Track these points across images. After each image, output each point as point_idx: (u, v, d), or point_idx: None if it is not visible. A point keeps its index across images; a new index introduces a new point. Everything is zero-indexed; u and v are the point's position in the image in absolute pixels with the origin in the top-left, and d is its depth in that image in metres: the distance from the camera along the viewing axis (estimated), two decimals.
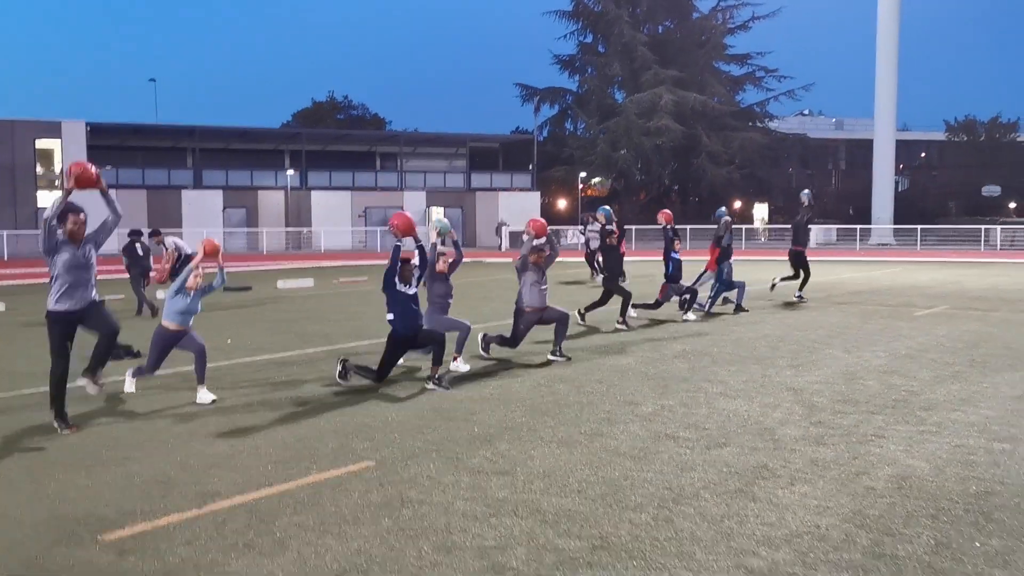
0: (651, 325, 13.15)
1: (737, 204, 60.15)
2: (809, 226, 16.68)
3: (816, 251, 31.15)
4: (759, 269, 23.88)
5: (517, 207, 50.89)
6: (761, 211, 64.79)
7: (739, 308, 14.40)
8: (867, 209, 48.65)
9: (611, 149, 55.06)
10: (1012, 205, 73.03)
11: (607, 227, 13.23)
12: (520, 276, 10.13)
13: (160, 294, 17.32)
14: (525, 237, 10.26)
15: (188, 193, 45.54)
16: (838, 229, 48.63)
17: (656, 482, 5.44)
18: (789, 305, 15.64)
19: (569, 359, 9.92)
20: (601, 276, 14.44)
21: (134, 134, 48.91)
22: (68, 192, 6.71)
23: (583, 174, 57.07)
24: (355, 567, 4.17)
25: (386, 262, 8.56)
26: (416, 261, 8.66)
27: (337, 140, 55.12)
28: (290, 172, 48.18)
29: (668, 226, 13.77)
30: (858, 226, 44.09)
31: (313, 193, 48.43)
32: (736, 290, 14.55)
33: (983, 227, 41.27)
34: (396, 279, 8.30)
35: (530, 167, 54.81)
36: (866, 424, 6.89)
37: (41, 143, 43.81)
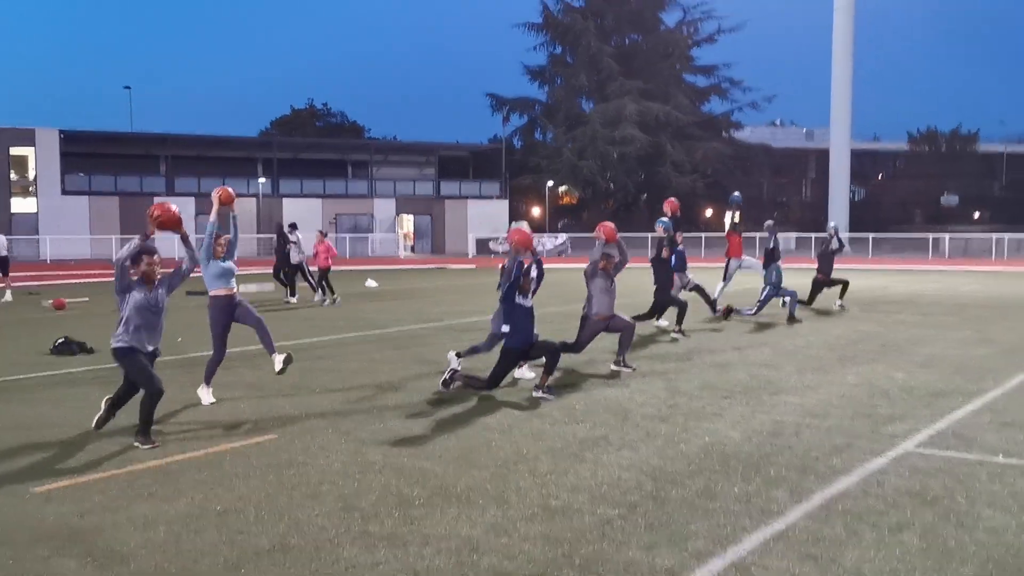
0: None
1: (708, 212, 61.48)
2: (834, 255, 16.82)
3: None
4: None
5: (486, 215, 52.02)
6: (730, 218, 66.14)
7: (792, 318, 14.32)
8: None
9: (577, 158, 56.34)
10: (976, 215, 74.96)
11: (660, 241, 12.96)
12: (589, 282, 9.91)
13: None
14: (597, 243, 9.95)
15: (161, 200, 46.27)
16: (796, 237, 49.99)
17: (508, 449, 6.49)
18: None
19: (634, 369, 9.77)
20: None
21: (107, 142, 49.61)
22: (146, 236, 6.70)
23: (550, 183, 58.25)
24: (235, 508, 5.19)
25: (355, 267, 9.33)
26: (535, 274, 8.67)
27: (309, 148, 56.05)
28: (262, 180, 49.02)
29: (672, 216, 13.66)
30: (813, 234, 45.45)
31: (285, 200, 49.33)
32: (788, 297, 14.65)
33: (931, 236, 42.73)
34: (516, 292, 8.43)
35: (500, 176, 55.95)
36: (712, 406, 7.98)
37: (15, 150, 44.49)
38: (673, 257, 13.39)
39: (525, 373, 9.39)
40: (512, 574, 4.20)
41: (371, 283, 25.21)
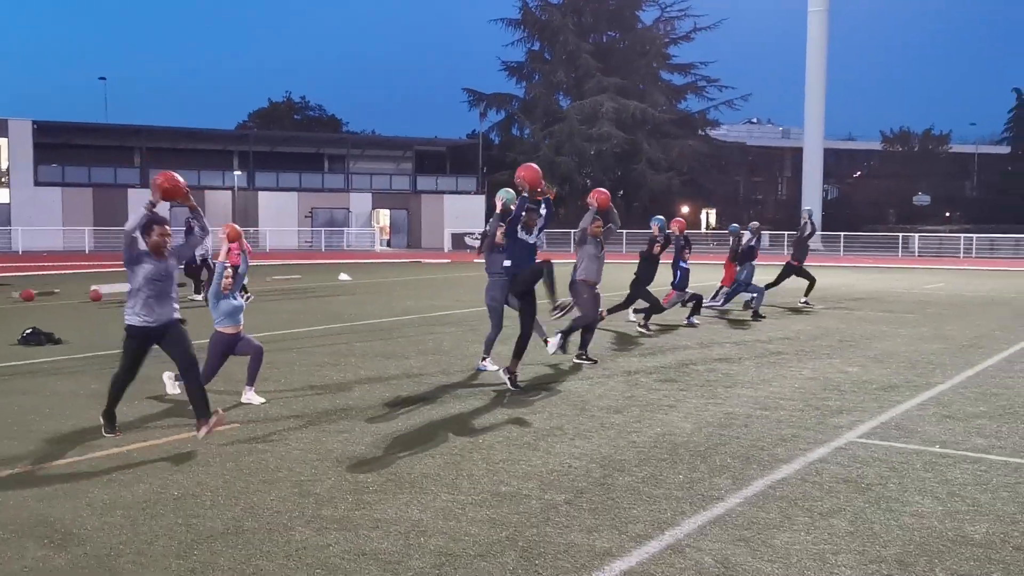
0: None
1: (685, 210, 61.88)
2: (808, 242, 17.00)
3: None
4: (702, 273, 25.26)
5: (462, 210, 52.11)
6: (707, 217, 66.80)
7: (757, 314, 14.50)
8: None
9: (554, 154, 56.52)
10: (947, 215, 75.94)
11: (656, 237, 12.76)
12: (578, 248, 10.00)
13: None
14: (589, 210, 9.95)
15: (135, 192, 45.99)
16: (771, 235, 50.47)
17: (464, 438, 6.65)
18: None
19: (595, 362, 9.93)
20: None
21: (81, 133, 49.23)
22: (153, 205, 6.45)
23: None
24: (192, 494, 5.32)
25: (330, 261, 9.34)
26: (543, 212, 8.58)
27: (286, 141, 55.88)
28: (237, 173, 48.85)
29: (679, 234, 13.65)
30: (785, 232, 45.92)
31: (260, 194, 49.17)
32: (756, 294, 14.82)
33: (901, 234, 43.30)
34: (519, 227, 8.36)
35: (477, 170, 56.03)
36: (669, 398, 8.18)
37: None
38: (677, 273, 13.55)
39: (488, 366, 9.54)
40: (456, 555, 4.36)
41: (344, 277, 25.27)
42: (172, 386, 8.15)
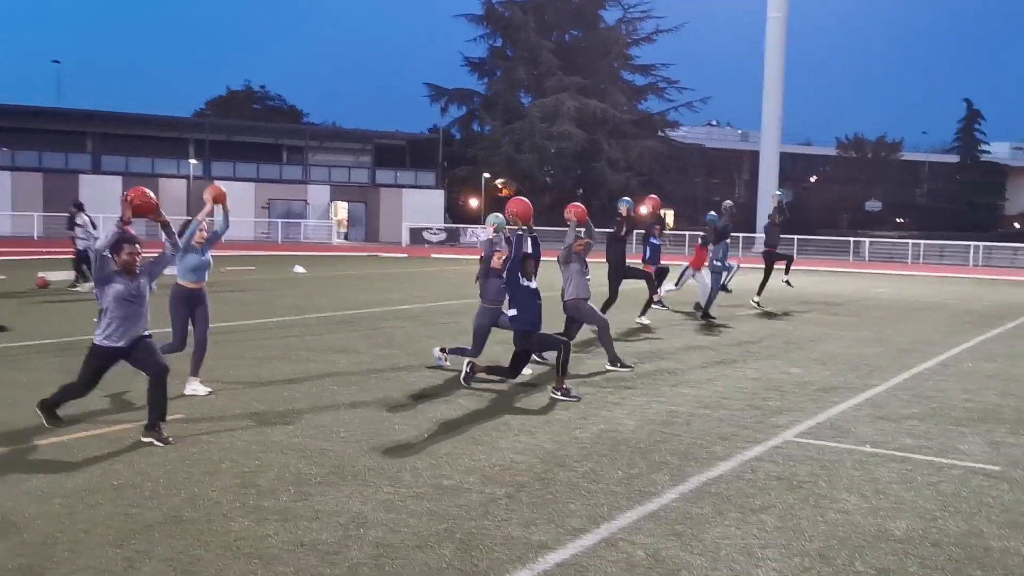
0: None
1: (644, 210, 62.33)
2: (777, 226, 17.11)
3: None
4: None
5: (421, 205, 52.00)
6: (664, 218, 67.34)
7: (704, 311, 14.60)
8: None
9: (515, 151, 56.56)
10: (898, 221, 77.53)
11: (623, 218, 12.73)
12: (564, 268, 9.82)
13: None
14: (569, 226, 9.82)
15: (86, 178, 45.21)
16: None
17: (410, 432, 6.72)
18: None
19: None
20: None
21: (32, 116, 48.20)
22: (125, 223, 6.33)
23: (487, 175, 58.45)
24: (132, 483, 5.32)
25: (286, 253, 9.28)
26: (528, 248, 8.32)
27: (243, 131, 55.24)
28: (193, 161, 48.22)
29: (652, 211, 13.90)
30: (741, 234, 46.54)
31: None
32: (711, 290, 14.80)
33: (853, 239, 44.13)
34: (519, 273, 8.14)
35: (437, 165, 55.95)
36: (614, 395, 8.31)
37: None
38: (647, 249, 13.62)
39: (443, 362, 9.50)
40: (395, 546, 4.43)
41: (299, 269, 25.13)
42: (200, 388, 7.83)
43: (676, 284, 16.29)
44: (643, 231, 14.33)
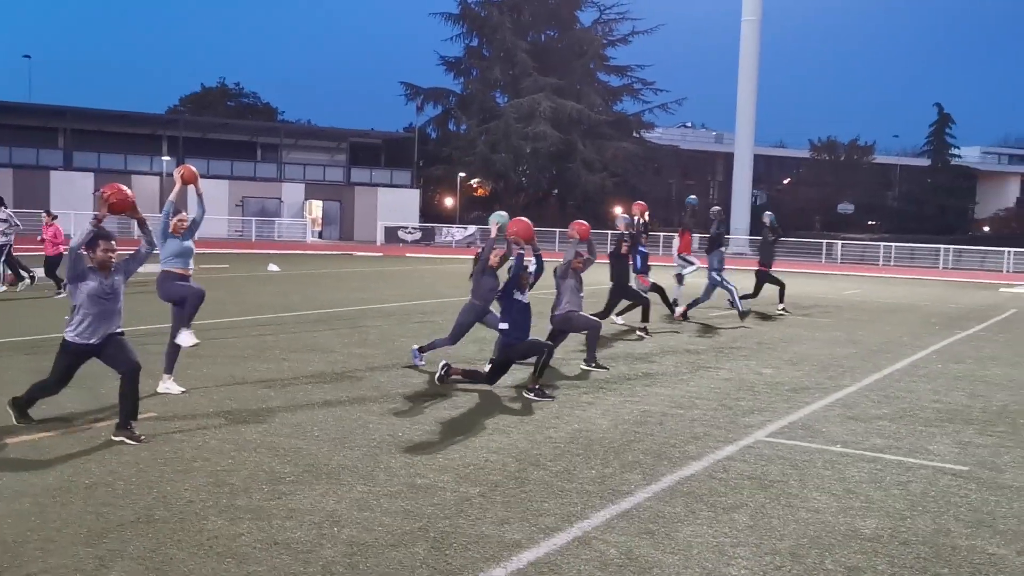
0: None
1: (618, 210, 62.57)
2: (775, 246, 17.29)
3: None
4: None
5: (396, 204, 51.88)
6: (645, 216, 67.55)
7: (684, 315, 14.61)
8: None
9: (490, 151, 56.54)
10: (870, 223, 78.40)
11: (624, 234, 12.71)
12: (560, 282, 9.84)
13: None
14: (571, 242, 9.93)
15: (57, 174, 44.71)
16: (700, 237, 51.42)
17: (383, 431, 6.72)
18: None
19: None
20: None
21: (3, 112, 47.53)
22: (99, 220, 6.21)
23: (462, 174, 58.41)
24: (104, 482, 5.28)
25: (260, 251, 9.18)
26: (532, 269, 8.46)
27: (218, 128, 54.81)
28: (166, 158, 47.78)
29: (640, 218, 13.76)
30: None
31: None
32: (703, 294, 14.84)
33: (825, 241, 44.56)
34: (515, 288, 8.23)
35: (413, 164, 55.85)
36: (589, 395, 8.35)
37: None
38: (637, 258, 13.37)
39: (420, 362, 9.46)
40: (369, 545, 4.43)
41: (273, 267, 25.00)
42: (174, 387, 7.79)
43: (678, 282, 16.23)
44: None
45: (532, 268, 8.48)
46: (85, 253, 6.20)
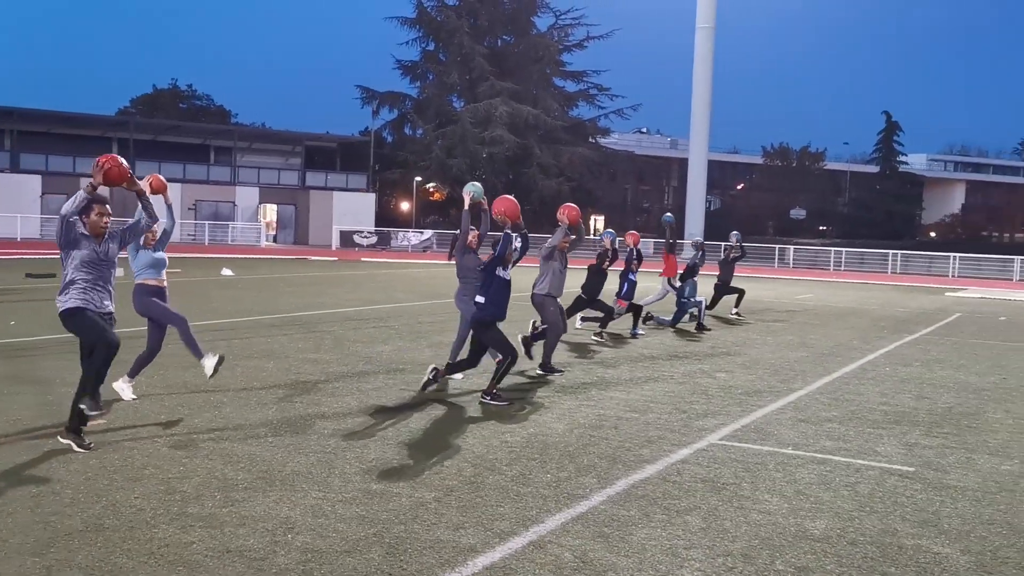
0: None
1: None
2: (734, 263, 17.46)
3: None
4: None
5: (352, 208, 51.59)
6: (595, 224, 68.06)
7: (701, 326, 14.51)
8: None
9: (446, 155, 56.48)
10: (821, 228, 79.85)
11: (608, 251, 12.64)
12: (543, 263, 9.95)
13: None
14: (560, 227, 9.90)
15: (4, 176, 43.76)
16: (655, 243, 51.86)
17: (339, 437, 6.67)
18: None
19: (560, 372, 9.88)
20: None
21: None
22: (94, 188, 5.93)
23: (418, 178, 58.28)
24: (51, 491, 5.18)
25: (213, 255, 9.02)
26: (517, 246, 8.32)
27: (169, 130, 54.05)
28: None
29: (634, 248, 13.71)
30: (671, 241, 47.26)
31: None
32: (697, 308, 14.77)
33: (777, 247, 45.25)
34: (499, 265, 8.13)
35: (368, 168, 55.57)
36: (544, 400, 8.39)
37: None
38: (625, 285, 13.34)
39: (456, 376, 9.05)
40: (323, 552, 4.41)
41: (227, 272, 24.70)
42: (127, 391, 7.67)
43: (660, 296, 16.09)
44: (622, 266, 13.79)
45: (517, 245, 8.33)
46: (77, 218, 5.95)
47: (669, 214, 16.44)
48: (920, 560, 4.61)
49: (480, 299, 8.19)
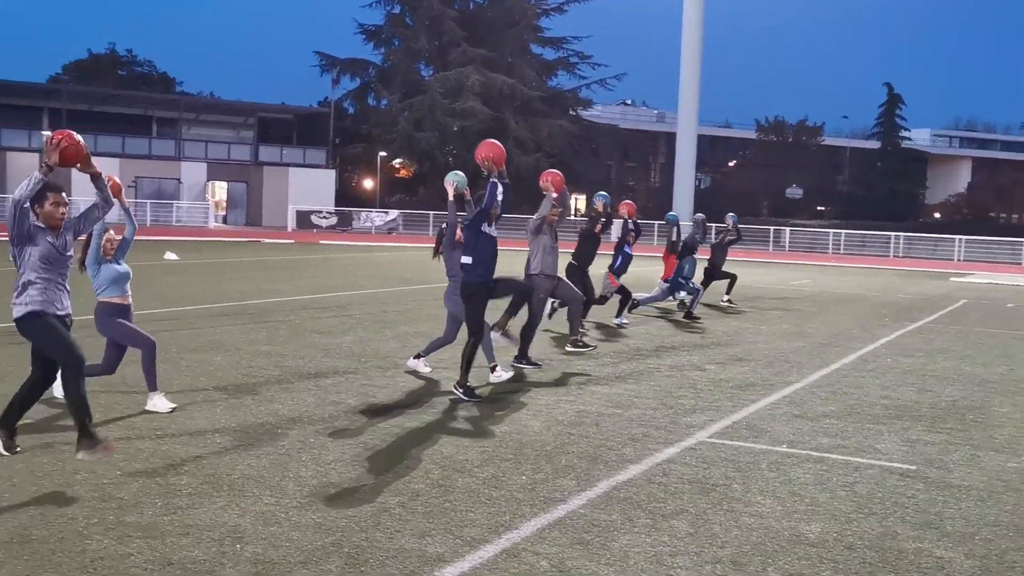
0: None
1: (553, 195, 62.80)
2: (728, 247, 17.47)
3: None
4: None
5: (310, 185, 51.25)
6: (575, 203, 68.09)
7: (690, 315, 14.48)
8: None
9: (414, 129, 56.25)
10: (820, 208, 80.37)
11: (597, 216, 12.50)
12: (532, 239, 9.91)
13: None
14: (546, 196, 9.81)
15: None
16: (644, 223, 52.01)
17: (294, 436, 6.63)
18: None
19: (594, 347, 10.60)
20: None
21: None
22: (49, 169, 5.56)
23: (383, 153, 57.99)
24: None
25: (156, 237, 8.77)
26: (500, 197, 8.00)
27: (107, 100, 53.40)
28: (46, 133, 46.31)
29: (629, 219, 13.53)
30: (656, 222, 47.43)
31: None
32: (694, 293, 14.85)
33: (772, 228, 45.52)
34: (484, 221, 7.94)
35: (328, 142, 55.23)
36: (524, 396, 8.38)
37: None
38: (619, 258, 13.32)
39: (501, 375, 8.95)
40: (275, 563, 4.37)
41: (170, 255, 24.50)
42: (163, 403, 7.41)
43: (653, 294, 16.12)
44: (617, 238, 13.80)
45: (500, 197, 8.00)
46: (30, 207, 5.68)
47: (673, 212, 16.61)
48: (921, 565, 4.65)
49: (467, 259, 8.01)
